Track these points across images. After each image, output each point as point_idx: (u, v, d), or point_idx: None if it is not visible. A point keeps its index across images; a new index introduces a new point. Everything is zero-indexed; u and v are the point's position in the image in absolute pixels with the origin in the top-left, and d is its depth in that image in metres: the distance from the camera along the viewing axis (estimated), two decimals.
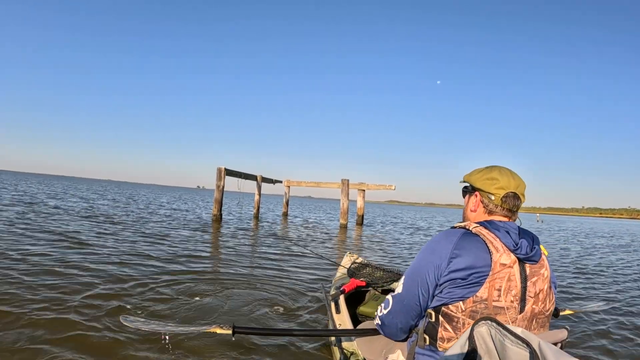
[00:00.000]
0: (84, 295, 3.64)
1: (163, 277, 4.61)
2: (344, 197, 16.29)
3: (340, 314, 2.37)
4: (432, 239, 1.33)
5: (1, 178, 48.59)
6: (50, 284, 3.91)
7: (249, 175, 16.56)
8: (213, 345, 2.67)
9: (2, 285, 3.75)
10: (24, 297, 3.46)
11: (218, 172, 14.11)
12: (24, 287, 3.74)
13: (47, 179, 75.69)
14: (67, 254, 5.50)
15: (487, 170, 1.40)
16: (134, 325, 1.57)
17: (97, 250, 6.07)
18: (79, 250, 5.95)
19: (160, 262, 5.56)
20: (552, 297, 1.31)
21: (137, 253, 6.11)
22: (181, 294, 3.97)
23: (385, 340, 1.56)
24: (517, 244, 1.22)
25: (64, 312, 3.18)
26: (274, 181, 19.87)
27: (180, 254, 6.30)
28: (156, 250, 6.50)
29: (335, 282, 3.31)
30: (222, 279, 4.76)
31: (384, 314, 1.42)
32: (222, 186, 14.00)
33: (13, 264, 4.64)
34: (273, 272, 5.37)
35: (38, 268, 4.53)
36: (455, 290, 1.21)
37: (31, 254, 5.29)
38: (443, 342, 1.24)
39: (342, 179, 16.54)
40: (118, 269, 4.88)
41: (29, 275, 4.18)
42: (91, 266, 4.90)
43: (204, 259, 6.15)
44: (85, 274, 4.45)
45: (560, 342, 1.20)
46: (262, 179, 18.33)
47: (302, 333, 2.70)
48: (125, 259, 5.56)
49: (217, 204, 13.91)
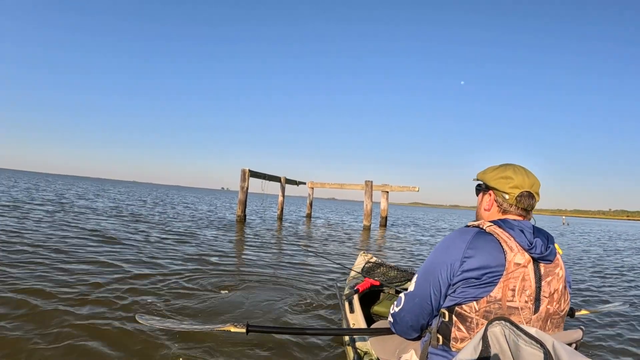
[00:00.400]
0: (110, 288, 3.81)
1: (186, 273, 4.78)
2: (368, 199, 16.21)
3: (354, 314, 2.37)
4: (445, 238, 1.31)
5: (29, 178, 50.74)
6: (79, 277, 4.11)
7: (273, 177, 16.68)
8: (227, 343, 2.71)
9: (35, 276, 4.01)
10: (54, 288, 3.66)
11: (242, 174, 14.26)
12: (53, 279, 3.94)
13: (74, 180, 78.49)
14: (97, 250, 5.79)
15: (501, 168, 1.37)
16: (149, 323, 1.60)
17: (126, 246, 6.36)
18: (109, 246, 6.24)
19: (185, 259, 5.77)
20: (567, 297, 1.28)
21: (164, 250, 6.37)
22: (203, 290, 4.11)
23: (399, 340, 1.55)
24: (531, 243, 1.20)
25: (90, 303, 3.33)
26: (297, 183, 19.95)
27: (204, 252, 6.47)
28: (181, 248, 6.75)
29: (349, 281, 3.31)
30: (243, 277, 4.86)
31: (396, 311, 1.42)
32: (246, 187, 14.14)
33: (47, 257, 4.94)
34: (293, 272, 5.43)
35: (69, 261, 4.81)
36: (468, 290, 1.19)
37: (62, 250, 5.57)
38: (456, 342, 1.22)
39: (366, 180, 16.45)
40: (145, 264, 5.14)
41: (60, 268, 4.42)
42: (118, 260, 5.20)
43: (226, 257, 6.30)
44: (112, 268, 4.70)
45: (574, 343, 1.17)
46: (286, 180, 18.44)
47: (315, 332, 2.69)
48: (153, 255, 5.82)
49: (241, 205, 14.06)
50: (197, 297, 3.84)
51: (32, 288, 3.59)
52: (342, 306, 2.52)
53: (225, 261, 5.90)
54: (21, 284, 3.70)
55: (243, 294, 4.07)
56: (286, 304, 3.84)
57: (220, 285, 4.34)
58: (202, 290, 4.11)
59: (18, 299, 3.29)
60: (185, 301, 3.66)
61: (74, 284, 3.86)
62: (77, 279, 4.05)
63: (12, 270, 4.15)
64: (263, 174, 15.42)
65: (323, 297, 4.16)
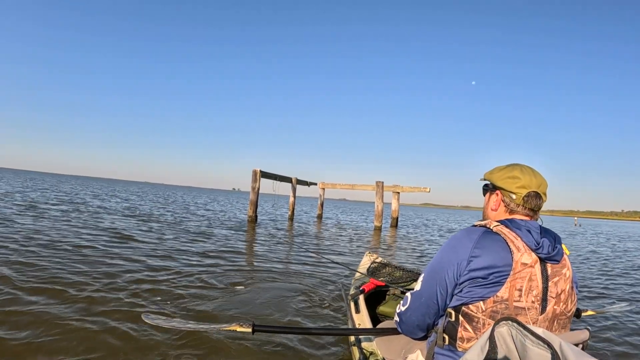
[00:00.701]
0: (120, 286, 3.93)
1: (196, 272, 4.87)
2: (379, 200, 16.17)
3: (359, 314, 2.37)
4: (452, 237, 1.31)
5: (43, 179, 51.80)
6: (91, 275, 4.24)
7: (284, 178, 16.74)
8: (233, 343, 2.73)
9: (55, 269, 4.30)
10: (71, 282, 3.81)
11: (253, 174, 14.32)
12: (65, 277, 4.05)
13: (86, 181, 79.89)
14: (111, 247, 5.99)
15: (508, 168, 1.36)
16: (155, 322, 1.59)
17: (140, 244, 6.56)
18: (123, 244, 6.44)
19: (197, 257, 5.92)
20: (574, 297, 1.27)
21: (177, 248, 6.54)
22: (213, 288, 4.19)
23: (405, 340, 1.55)
24: (538, 243, 1.19)
25: (98, 301, 3.43)
26: (308, 183, 19.97)
27: (215, 252, 6.58)
28: (194, 247, 6.90)
29: (355, 282, 3.31)
30: (252, 276, 4.92)
31: (402, 310, 1.41)
32: (257, 188, 14.20)
33: (65, 253, 5.18)
34: (301, 272, 5.46)
35: (86, 257, 5.02)
36: (475, 290, 1.19)
37: (79, 245, 5.83)
38: (463, 342, 1.22)
39: (377, 181, 16.43)
40: (158, 261, 5.32)
41: (77, 262, 4.59)
42: (134, 257, 5.42)
43: (237, 256, 6.39)
44: (128, 264, 4.92)
45: (581, 343, 1.16)
46: (297, 181, 18.48)
47: (320, 332, 2.69)
48: (166, 253, 6.02)
49: (252, 206, 14.13)
50: (207, 296, 3.89)
51: (39, 287, 3.67)
52: (347, 306, 2.53)
53: (236, 260, 5.97)
54: (35, 281, 3.82)
55: (251, 293, 4.12)
56: (293, 304, 3.86)
57: (231, 284, 4.42)
58: (212, 288, 4.18)
59: (30, 294, 3.42)
60: (195, 300, 3.72)
61: (85, 283, 3.95)
62: (90, 277, 4.15)
63: (31, 268, 4.27)
64: (274, 174, 15.48)
65: (329, 297, 4.19)
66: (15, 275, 3.93)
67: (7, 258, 4.62)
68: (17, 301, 3.24)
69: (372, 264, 3.13)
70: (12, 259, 4.57)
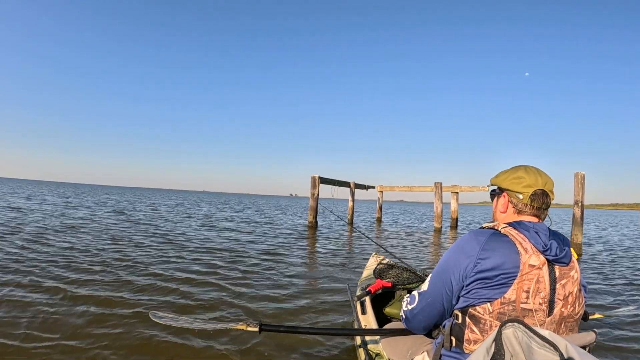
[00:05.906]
0: (184, 278, 4.56)
1: (253, 273, 5.22)
2: (437, 201, 15.75)
3: (366, 315, 2.37)
4: (460, 239, 1.31)
5: (105, 191, 55.92)
6: (156, 269, 4.90)
7: (342, 182, 16.82)
8: (240, 342, 2.82)
9: (112, 279, 4.65)
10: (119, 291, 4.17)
11: (312, 181, 14.47)
12: (130, 269, 4.51)
13: (147, 192, 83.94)
14: (178, 250, 6.57)
15: (512, 170, 1.37)
16: (163, 321, 1.61)
17: (202, 246, 7.30)
18: (190, 247, 7.20)
19: (254, 259, 6.48)
20: (582, 300, 1.24)
21: (236, 251, 7.26)
22: (260, 286, 4.62)
23: (411, 341, 1.57)
24: (546, 245, 1.18)
25: (163, 288, 3.96)
26: (367, 187, 19.90)
27: (272, 252, 7.19)
28: (251, 250, 7.53)
29: (361, 282, 3.30)
30: (307, 279, 5.13)
31: (409, 309, 1.43)
32: (316, 194, 14.33)
33: (128, 252, 5.97)
34: (352, 276, 5.51)
35: (151, 256, 5.88)
36: (482, 291, 1.19)
37: (142, 244, 6.68)
38: (469, 344, 1.22)
39: (435, 182, 16.04)
40: (215, 261, 5.96)
41: (142, 262, 5.12)
42: (191, 256, 6.18)
43: (293, 257, 6.78)
44: (186, 263, 5.64)
45: (587, 346, 1.14)
46: (355, 185, 18.49)
47: (327, 332, 2.70)
48: (226, 255, 6.66)
49: (312, 212, 14.31)
50: (247, 294, 4.23)
51: (79, 293, 3.96)
52: (353, 307, 2.53)
53: (290, 264, 6.20)
54: (77, 279, 4.40)
55: (294, 295, 4.34)
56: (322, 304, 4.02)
57: (272, 284, 4.76)
58: (260, 283, 4.56)
59: (52, 292, 3.91)
60: (234, 296, 4.12)
61: (138, 284, 4.37)
62: (157, 270, 4.57)
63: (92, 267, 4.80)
64: (332, 180, 15.58)
65: (335, 298, 4.27)
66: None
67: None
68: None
69: (378, 265, 3.10)
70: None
